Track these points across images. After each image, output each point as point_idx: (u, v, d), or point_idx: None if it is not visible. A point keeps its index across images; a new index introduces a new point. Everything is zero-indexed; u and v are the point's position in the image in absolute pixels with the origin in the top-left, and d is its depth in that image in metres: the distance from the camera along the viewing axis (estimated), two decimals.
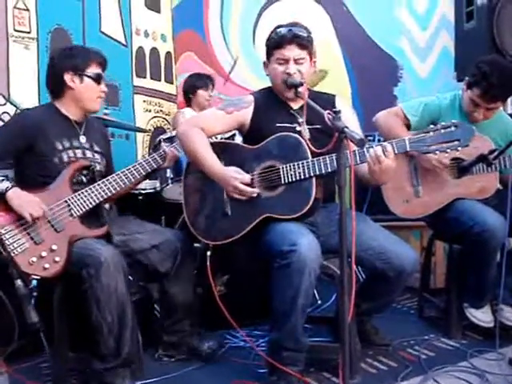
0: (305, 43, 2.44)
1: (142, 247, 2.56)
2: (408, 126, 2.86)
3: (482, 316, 2.84)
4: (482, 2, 3.59)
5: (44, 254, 2.28)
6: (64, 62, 2.52)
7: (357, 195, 1.89)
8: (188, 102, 4.39)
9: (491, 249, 2.66)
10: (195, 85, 4.33)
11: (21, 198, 2.29)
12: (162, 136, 3.09)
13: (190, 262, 2.68)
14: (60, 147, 2.50)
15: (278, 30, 2.46)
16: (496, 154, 2.72)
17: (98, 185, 2.46)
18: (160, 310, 2.78)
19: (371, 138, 3.53)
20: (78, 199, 2.41)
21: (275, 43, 2.44)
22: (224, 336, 2.91)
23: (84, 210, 2.42)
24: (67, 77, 2.51)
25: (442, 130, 2.19)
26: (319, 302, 3.35)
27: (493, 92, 2.72)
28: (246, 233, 2.41)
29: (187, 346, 2.69)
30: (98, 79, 2.56)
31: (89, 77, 2.53)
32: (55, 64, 2.55)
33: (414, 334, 2.92)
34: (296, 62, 2.43)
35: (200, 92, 4.30)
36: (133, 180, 2.55)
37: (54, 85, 2.57)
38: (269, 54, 2.50)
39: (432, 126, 2.22)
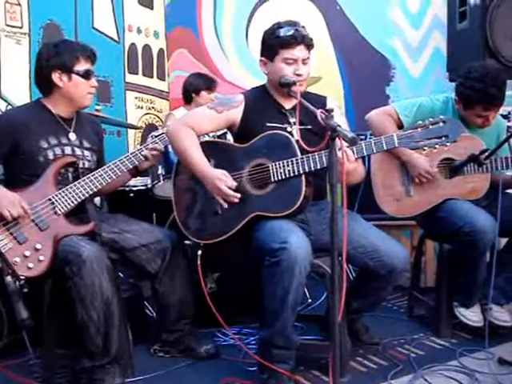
0: (311, 43, 2.44)
1: (130, 246, 2.53)
2: (400, 127, 2.85)
3: (471, 315, 2.85)
4: (475, 2, 3.60)
5: (28, 253, 2.26)
6: (51, 60, 2.44)
7: (348, 194, 1.90)
8: (187, 100, 4.27)
9: (481, 249, 2.67)
10: (200, 86, 4.20)
11: (0, 197, 2.27)
12: (153, 133, 3.06)
13: (181, 261, 2.65)
14: (45, 145, 2.45)
15: (283, 29, 2.40)
16: (487, 153, 2.73)
17: (84, 181, 2.42)
18: (155, 309, 2.77)
19: (363, 137, 3.54)
20: (63, 196, 2.38)
21: (284, 43, 2.39)
22: (214, 334, 2.90)
23: (69, 207, 2.38)
24: (55, 76, 2.44)
25: (431, 126, 2.18)
26: (310, 300, 3.36)
27: (497, 100, 2.73)
28: (237, 231, 2.40)
29: (184, 345, 2.68)
30: (86, 75, 2.48)
31: (77, 74, 2.46)
32: (42, 63, 2.47)
33: (403, 333, 2.93)
34: (303, 62, 2.42)
35: (204, 93, 4.18)
36: (119, 173, 2.51)
37: (42, 83, 2.51)
38: (273, 53, 2.43)
39: (420, 122, 2.22)
